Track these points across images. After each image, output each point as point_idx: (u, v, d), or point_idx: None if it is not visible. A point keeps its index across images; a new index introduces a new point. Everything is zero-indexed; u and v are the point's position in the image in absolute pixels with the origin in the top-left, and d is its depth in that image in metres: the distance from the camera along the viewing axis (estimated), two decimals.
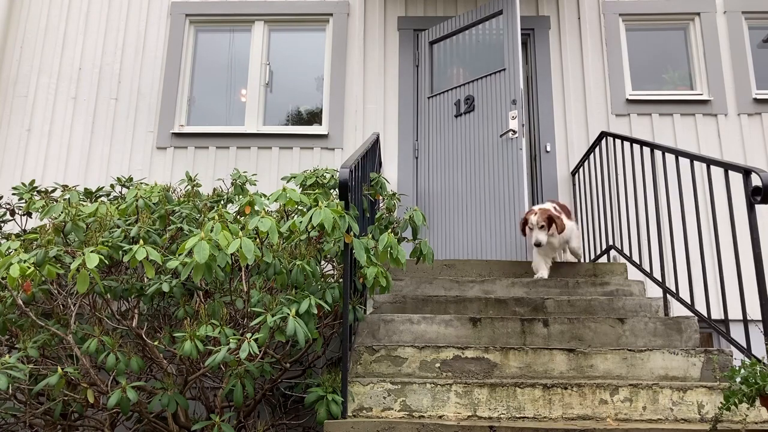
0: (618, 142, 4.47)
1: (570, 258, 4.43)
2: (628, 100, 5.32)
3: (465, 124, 5.13)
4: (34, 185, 3.63)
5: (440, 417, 2.63)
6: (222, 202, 3.73)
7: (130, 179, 4.05)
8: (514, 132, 4.70)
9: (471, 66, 5.29)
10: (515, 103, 4.76)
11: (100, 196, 3.86)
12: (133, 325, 3.01)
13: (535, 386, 2.64)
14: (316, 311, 2.68)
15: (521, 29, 5.44)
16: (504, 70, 4.92)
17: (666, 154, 3.63)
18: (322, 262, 3.47)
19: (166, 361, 2.99)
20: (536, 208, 4.02)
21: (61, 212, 3.03)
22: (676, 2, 5.56)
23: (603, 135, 4.53)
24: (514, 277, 4.05)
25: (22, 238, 3.01)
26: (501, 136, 4.80)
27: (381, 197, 4.16)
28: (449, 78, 5.41)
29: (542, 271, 3.96)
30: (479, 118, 5.03)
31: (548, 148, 5.24)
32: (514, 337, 3.16)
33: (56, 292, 3.10)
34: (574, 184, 5.14)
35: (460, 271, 4.16)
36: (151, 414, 2.99)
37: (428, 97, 5.43)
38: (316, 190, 3.50)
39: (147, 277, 3.00)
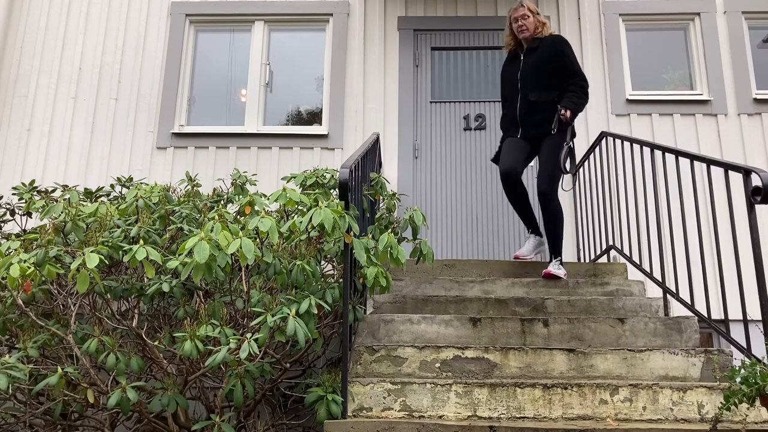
0: (618, 142, 4.47)
1: None
2: (628, 100, 5.32)
3: (475, 139, 5.37)
4: (34, 185, 3.63)
5: (440, 417, 2.63)
6: (222, 202, 3.73)
7: (130, 179, 4.05)
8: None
9: (482, 85, 5.53)
10: None
11: (100, 196, 3.86)
12: (133, 325, 3.01)
13: (535, 386, 2.64)
14: (316, 311, 2.68)
15: None
16: None
17: (666, 154, 3.63)
18: (322, 262, 3.47)
19: (166, 361, 2.99)
20: None
21: (61, 212, 3.03)
22: (676, 2, 5.56)
23: (603, 135, 4.53)
24: (514, 277, 4.05)
25: (22, 238, 3.01)
26: None
27: (381, 197, 4.16)
28: (455, 90, 5.52)
29: None
30: (492, 136, 5.36)
31: None
32: (514, 337, 3.16)
33: (56, 292, 3.10)
34: (574, 184, 5.13)
35: (460, 271, 4.16)
36: (151, 414, 2.99)
37: (430, 102, 5.45)
38: (316, 190, 3.50)
39: (147, 277, 3.00)
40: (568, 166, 3.97)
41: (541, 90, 4.00)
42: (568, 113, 3.89)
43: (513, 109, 4.12)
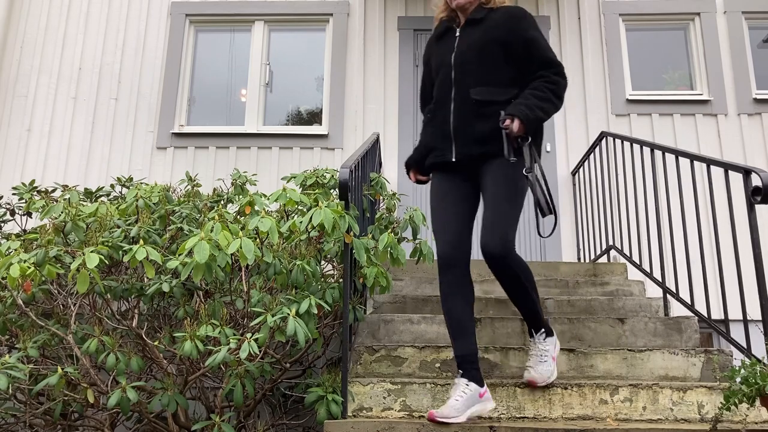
0: (618, 142, 4.47)
1: None
2: (628, 100, 5.32)
3: None
4: (34, 185, 3.63)
5: None
6: (222, 202, 3.73)
7: (130, 179, 4.05)
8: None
9: None
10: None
11: (100, 196, 3.86)
12: (133, 325, 3.01)
13: None
14: (316, 311, 2.68)
15: None
16: None
17: (666, 154, 3.63)
18: (322, 262, 3.47)
19: (166, 361, 2.99)
20: None
21: (61, 212, 3.03)
22: (676, 2, 5.56)
23: (603, 135, 4.53)
24: None
25: (22, 238, 3.01)
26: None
27: (381, 197, 4.15)
28: None
29: None
30: None
31: (548, 148, 5.24)
32: (514, 336, 3.15)
33: (56, 292, 3.10)
34: (574, 184, 5.14)
35: None
36: (151, 414, 2.99)
37: None
38: (316, 190, 3.50)
39: (147, 277, 3.00)
40: (541, 198, 2.42)
41: (489, 84, 2.52)
42: (516, 124, 2.40)
43: (443, 114, 2.60)
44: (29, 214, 3.67)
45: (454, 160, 2.55)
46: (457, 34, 2.65)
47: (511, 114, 2.41)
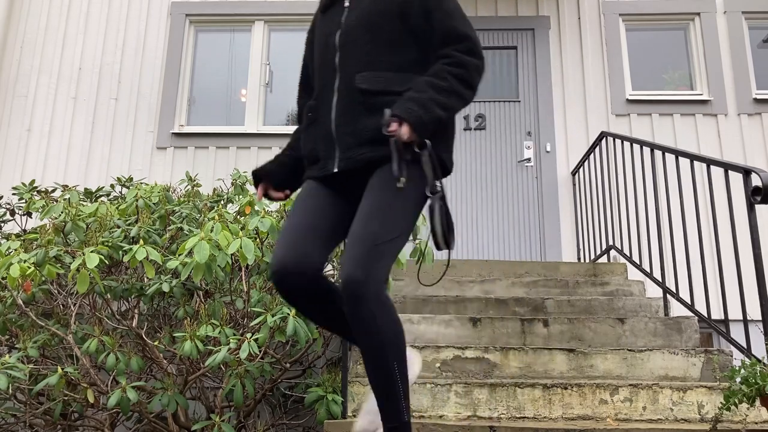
0: (618, 142, 4.47)
1: None
2: (628, 100, 5.31)
3: (475, 139, 5.43)
4: (34, 185, 3.63)
5: (440, 417, 2.63)
6: (222, 202, 3.73)
7: (130, 179, 4.05)
8: (530, 161, 5.23)
9: (482, 85, 5.66)
10: (530, 135, 5.29)
11: (100, 196, 3.86)
12: (133, 325, 3.01)
13: (535, 386, 2.64)
14: None
15: (521, 28, 5.50)
16: (519, 101, 5.38)
17: (666, 154, 3.63)
18: None
19: (166, 361, 2.99)
20: None
21: (61, 212, 3.03)
22: (676, 2, 5.55)
23: (603, 135, 4.53)
24: (514, 277, 4.05)
25: (22, 238, 3.01)
26: (519, 162, 5.26)
27: None
28: None
29: None
30: (490, 137, 5.42)
31: (548, 148, 5.24)
32: (514, 337, 3.16)
33: (56, 292, 3.11)
34: (574, 184, 5.14)
35: (460, 271, 4.16)
36: (151, 414, 2.99)
37: None
38: None
39: (147, 277, 3.01)
40: (438, 229, 1.71)
41: (381, 69, 1.84)
42: (404, 129, 1.68)
43: (325, 111, 1.88)
44: (29, 214, 3.68)
45: (336, 170, 1.81)
46: (346, 4, 1.96)
47: (396, 115, 1.69)
